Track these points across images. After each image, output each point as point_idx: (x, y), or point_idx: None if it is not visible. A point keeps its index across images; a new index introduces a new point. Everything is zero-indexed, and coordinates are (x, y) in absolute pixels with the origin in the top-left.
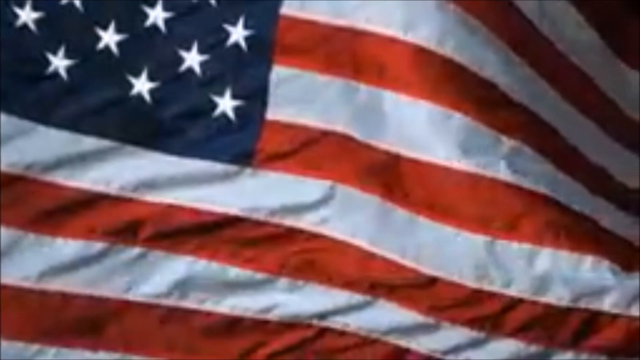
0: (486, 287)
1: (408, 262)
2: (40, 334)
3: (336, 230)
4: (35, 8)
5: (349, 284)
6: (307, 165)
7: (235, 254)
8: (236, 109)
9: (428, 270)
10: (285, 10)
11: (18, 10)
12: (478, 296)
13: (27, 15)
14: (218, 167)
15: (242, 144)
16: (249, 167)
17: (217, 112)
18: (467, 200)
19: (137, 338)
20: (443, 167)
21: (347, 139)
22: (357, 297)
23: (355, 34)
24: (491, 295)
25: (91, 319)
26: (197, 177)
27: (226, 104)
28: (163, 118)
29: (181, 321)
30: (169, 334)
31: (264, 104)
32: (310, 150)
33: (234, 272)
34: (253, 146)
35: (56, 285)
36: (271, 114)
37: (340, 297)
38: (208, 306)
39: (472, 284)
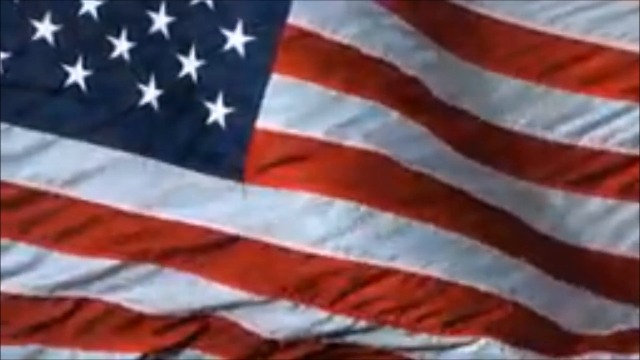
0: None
1: (420, 269)
2: (55, 337)
3: (338, 249)
4: (54, 21)
5: (353, 309)
6: (301, 179)
7: (234, 275)
8: (227, 117)
9: (438, 274)
10: (292, 20)
11: (37, 24)
12: (488, 301)
13: (45, 28)
14: (214, 180)
15: (235, 153)
16: (244, 181)
17: (210, 119)
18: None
19: (153, 341)
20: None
21: (342, 149)
22: (361, 324)
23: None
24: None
25: (109, 323)
26: (197, 192)
27: (218, 111)
28: (167, 126)
29: (196, 325)
30: (183, 334)
31: (256, 112)
32: (305, 163)
33: (234, 293)
34: (245, 156)
35: (70, 293)
36: (262, 123)
37: (344, 322)
38: (222, 313)
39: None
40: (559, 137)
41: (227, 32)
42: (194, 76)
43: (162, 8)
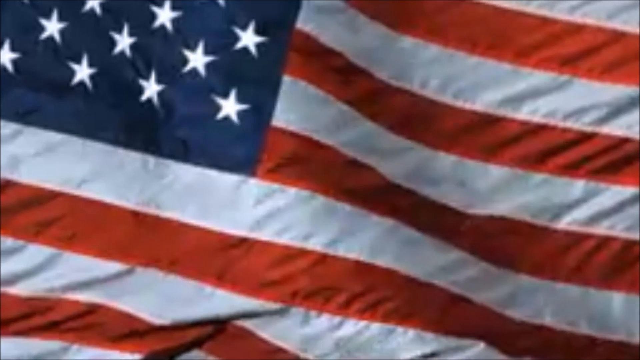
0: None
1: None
2: (64, 334)
3: (351, 250)
4: (60, 18)
5: (364, 311)
6: (313, 180)
7: (240, 280)
8: (240, 113)
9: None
10: (300, 25)
11: (45, 22)
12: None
13: (53, 27)
14: (223, 177)
15: (246, 150)
16: (253, 178)
17: (220, 115)
18: None
19: (159, 343)
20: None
21: (349, 156)
22: (374, 327)
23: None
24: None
25: (116, 325)
26: (206, 191)
27: (230, 107)
28: (170, 121)
29: (202, 329)
30: (189, 337)
31: (270, 111)
32: (315, 164)
33: (241, 300)
34: (257, 154)
35: (80, 296)
36: (276, 122)
37: (357, 326)
38: (239, 323)
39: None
40: (582, 126)
41: (239, 31)
42: (202, 71)
43: (167, 3)
